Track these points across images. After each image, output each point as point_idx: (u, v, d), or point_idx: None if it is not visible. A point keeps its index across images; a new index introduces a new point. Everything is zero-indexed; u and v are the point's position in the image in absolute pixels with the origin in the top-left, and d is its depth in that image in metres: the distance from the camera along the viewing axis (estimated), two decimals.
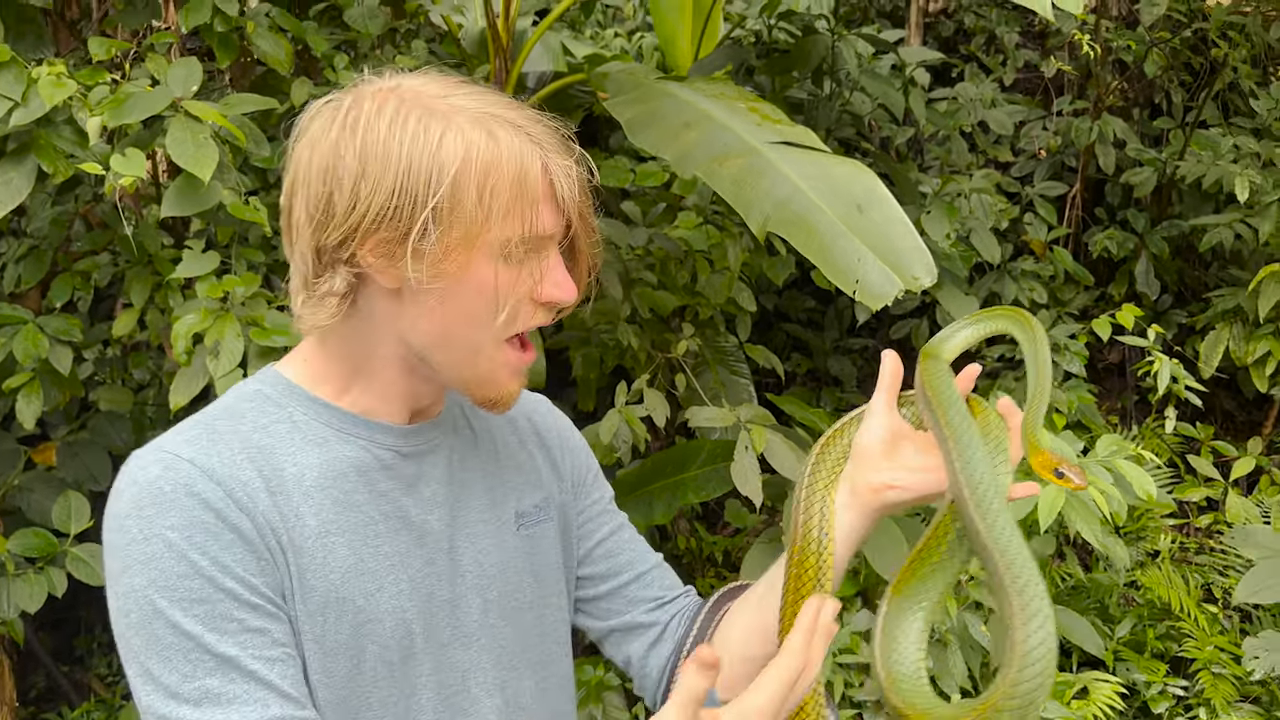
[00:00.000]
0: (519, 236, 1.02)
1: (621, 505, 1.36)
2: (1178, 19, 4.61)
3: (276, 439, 1.05)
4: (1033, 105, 5.10)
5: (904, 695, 1.00)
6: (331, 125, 1.02)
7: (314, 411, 1.08)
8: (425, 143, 0.99)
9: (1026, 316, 1.27)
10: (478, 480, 1.18)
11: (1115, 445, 2.62)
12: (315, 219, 1.01)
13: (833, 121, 4.08)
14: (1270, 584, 3.04)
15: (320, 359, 1.10)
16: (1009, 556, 0.97)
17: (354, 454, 1.07)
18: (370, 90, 1.04)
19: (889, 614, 1.06)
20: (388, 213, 0.98)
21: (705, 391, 3.25)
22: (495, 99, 1.05)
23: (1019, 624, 0.92)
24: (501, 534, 1.18)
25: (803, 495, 1.15)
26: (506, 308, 1.03)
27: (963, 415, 1.11)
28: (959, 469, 1.06)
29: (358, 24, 2.56)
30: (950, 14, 5.44)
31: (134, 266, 2.50)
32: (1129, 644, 3.37)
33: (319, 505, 1.03)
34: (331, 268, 1.02)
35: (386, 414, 1.10)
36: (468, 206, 0.99)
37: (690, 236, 3.31)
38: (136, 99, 2.14)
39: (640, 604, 1.30)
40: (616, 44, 4.48)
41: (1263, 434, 4.37)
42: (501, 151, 1.01)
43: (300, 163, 1.03)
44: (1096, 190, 4.86)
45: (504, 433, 1.24)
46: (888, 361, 1.21)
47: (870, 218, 2.25)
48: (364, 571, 1.04)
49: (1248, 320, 4.18)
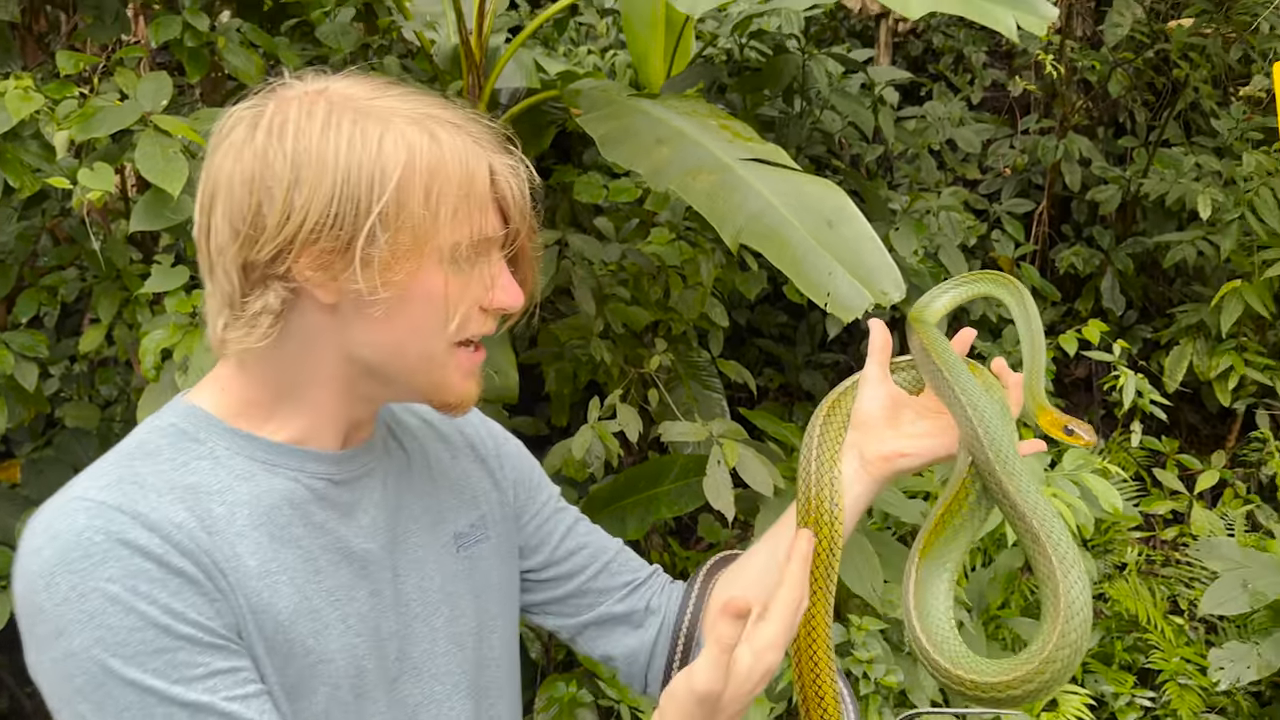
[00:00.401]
0: (467, 241, 0.97)
1: (594, 520, 1.35)
2: (1141, 40, 4.69)
3: (201, 477, 0.97)
4: (1000, 124, 5.17)
5: (949, 655, 1.03)
6: (255, 132, 0.94)
7: (236, 444, 1.00)
8: (364, 145, 0.93)
9: (1010, 279, 1.30)
10: (414, 503, 1.12)
11: (1081, 459, 2.66)
12: (242, 233, 0.93)
13: (803, 139, 4.12)
14: (1234, 595, 3.09)
15: (240, 386, 1.02)
16: (1040, 513, 1.02)
17: (284, 486, 1.00)
18: (294, 94, 0.97)
19: (919, 579, 1.08)
20: (327, 221, 0.92)
21: (678, 406, 3.26)
22: (429, 99, 1.00)
23: (1060, 577, 0.97)
24: (442, 558, 1.12)
25: (812, 469, 1.15)
26: (458, 316, 0.98)
27: (969, 376, 1.14)
28: (980, 431, 1.08)
29: (330, 40, 2.56)
30: (919, 34, 5.51)
31: (102, 281, 2.47)
32: (1097, 655, 3.40)
33: (255, 544, 0.96)
34: (262, 285, 0.95)
35: (316, 440, 1.03)
36: (415, 210, 0.94)
37: (663, 252, 3.32)
38: (105, 113, 2.13)
39: (611, 593, 1.27)
40: (590, 61, 4.50)
41: (1226, 447, 4.43)
42: (445, 153, 0.96)
43: (220, 173, 0.95)
44: (1063, 207, 4.93)
45: (436, 450, 1.18)
46: (877, 330, 1.21)
47: (840, 234, 2.28)
48: (311, 610, 0.98)
49: (1210, 335, 4.25)
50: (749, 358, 4.46)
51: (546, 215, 3.85)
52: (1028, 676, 0.97)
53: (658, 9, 3.65)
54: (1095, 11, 5.10)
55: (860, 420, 1.18)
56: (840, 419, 1.20)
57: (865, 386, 1.20)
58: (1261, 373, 4.21)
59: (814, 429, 1.18)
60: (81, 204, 2.09)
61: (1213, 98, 4.74)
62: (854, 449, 1.18)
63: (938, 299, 1.31)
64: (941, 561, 1.10)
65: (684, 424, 2.85)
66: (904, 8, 2.49)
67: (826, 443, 1.17)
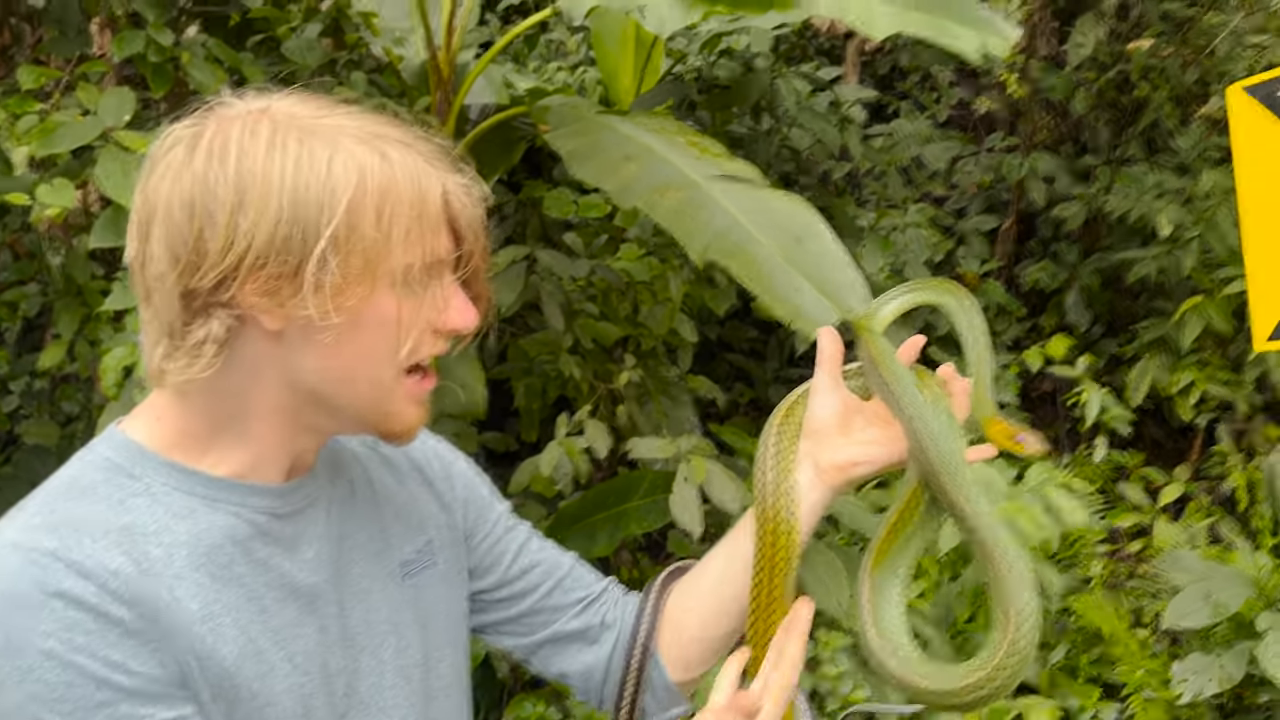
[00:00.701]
0: (420, 263, 0.94)
1: (563, 537, 1.35)
2: (1103, 60, 4.77)
3: (136, 516, 0.92)
4: (966, 141, 5.23)
5: (903, 661, 1.06)
6: (194, 153, 0.90)
7: (174, 479, 0.95)
8: (312, 166, 0.89)
9: (956, 287, 1.30)
10: (358, 532, 1.08)
11: (1045, 474, 2.68)
12: (183, 260, 0.89)
13: (772, 156, 4.15)
14: (1197, 608, 3.12)
15: (177, 416, 0.97)
16: (987, 523, 1.04)
17: (225, 523, 0.96)
18: (236, 114, 0.93)
19: (873, 585, 1.11)
20: (274, 246, 0.88)
21: (647, 422, 3.26)
22: (376, 118, 0.97)
23: (1009, 586, 1.00)
24: (388, 588, 1.09)
25: (768, 479, 1.16)
26: (410, 340, 0.95)
27: (914, 387, 1.16)
28: (927, 444, 1.10)
29: (295, 55, 2.54)
30: (886, 52, 5.57)
31: (63, 298, 2.45)
32: (1063, 669, 3.42)
33: (196, 585, 0.92)
34: (205, 313, 0.90)
35: (259, 473, 0.98)
36: (366, 233, 0.90)
37: (632, 268, 3.33)
38: (66, 128, 2.11)
39: (565, 610, 1.24)
40: (560, 78, 4.52)
41: (1189, 461, 4.49)
42: (397, 173, 0.92)
43: (157, 198, 0.91)
44: (1028, 224, 4.99)
45: (380, 474, 1.14)
46: (827, 338, 1.21)
47: (808, 250, 2.30)
48: (256, 652, 0.94)
49: (1172, 351, 4.31)
50: (719, 373, 4.47)
51: (515, 230, 3.85)
52: (979, 683, 0.99)
53: (627, 27, 3.67)
54: (1059, 32, 5.18)
55: (813, 429, 1.19)
56: (794, 428, 1.20)
57: (816, 395, 1.20)
58: (1222, 387, 4.27)
59: (768, 438, 1.18)
60: (41, 220, 2.07)
61: (1173, 117, 4.82)
62: (808, 458, 1.18)
63: (884, 306, 1.31)
64: (894, 568, 1.12)
65: (653, 440, 2.85)
66: (869, 28, 2.52)
67: (781, 452, 1.18)
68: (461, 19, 2.99)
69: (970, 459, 1.14)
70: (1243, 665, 3.07)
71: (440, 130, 2.91)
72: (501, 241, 3.79)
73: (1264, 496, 4.05)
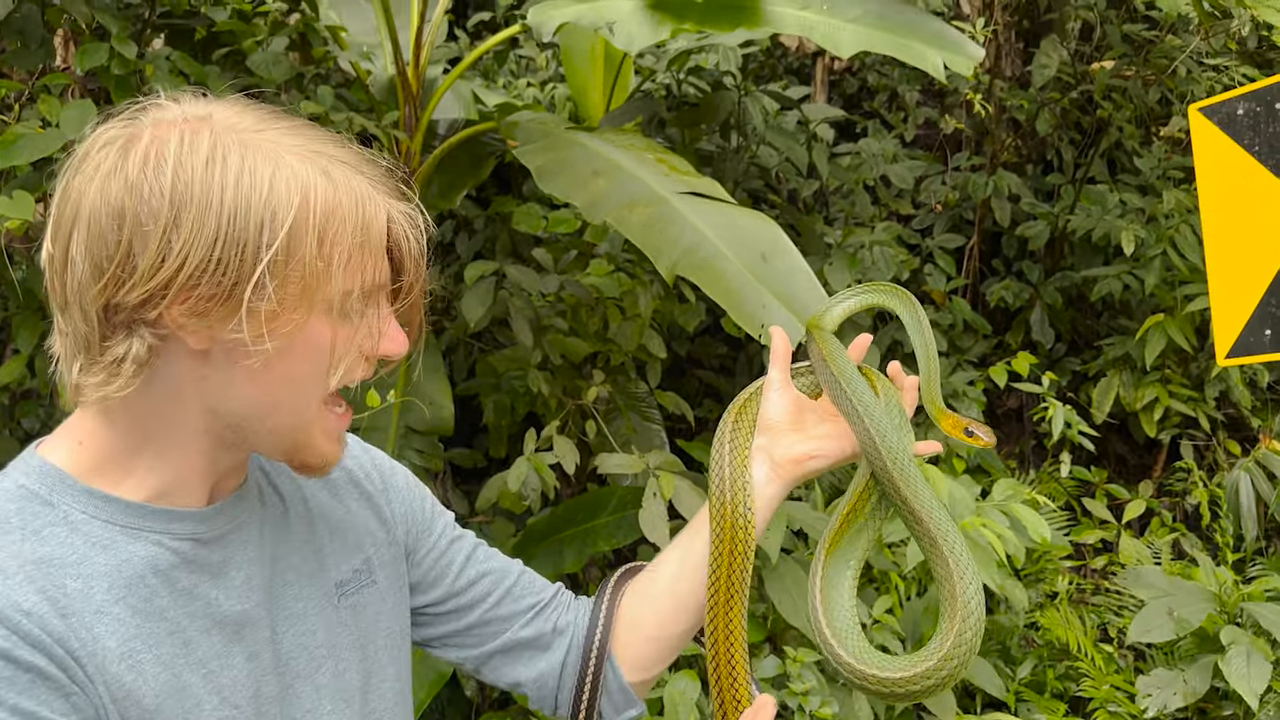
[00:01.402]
0: (359, 290, 0.91)
1: (532, 553, 1.34)
2: (1067, 81, 4.84)
3: (53, 547, 0.87)
4: (932, 161, 5.29)
5: (853, 652, 1.08)
6: (126, 160, 0.85)
7: (93, 507, 0.90)
8: (254, 184, 0.85)
9: (901, 291, 1.37)
10: (293, 553, 1.04)
11: (1011, 489, 2.70)
12: (107, 272, 0.84)
13: (741, 174, 4.17)
14: (1160, 623, 3.15)
15: (99, 438, 0.92)
16: (935, 517, 1.07)
17: (147, 553, 0.91)
18: (172, 119, 0.87)
19: (824, 576, 1.13)
20: (209, 267, 0.83)
21: (617, 438, 3.25)
22: (319, 134, 0.93)
23: (956, 579, 1.02)
24: (323, 610, 1.05)
25: (725, 474, 1.18)
26: (341, 367, 0.91)
27: (864, 385, 1.19)
28: (877, 440, 1.13)
29: (261, 70, 2.53)
30: (854, 72, 5.62)
31: (22, 312, 2.41)
32: (1030, 684, 3.44)
33: (116, 621, 0.88)
34: (127, 329, 0.86)
35: (181, 497, 0.94)
36: (307, 258, 0.86)
37: (601, 284, 3.33)
38: (27, 140, 2.08)
39: (516, 619, 1.22)
40: (529, 94, 4.52)
41: (1153, 477, 4.54)
42: (341, 196, 0.88)
43: (81, 202, 0.85)
44: (993, 242, 5.04)
45: (315, 492, 1.10)
46: (778, 337, 1.25)
47: (774, 267, 2.31)
48: (180, 689, 0.90)
49: (1136, 368, 4.36)
50: (688, 389, 4.47)
51: (485, 245, 3.84)
52: (927, 673, 1.02)
53: (597, 44, 3.69)
54: (1024, 53, 5.26)
55: (766, 425, 1.21)
56: (748, 424, 1.23)
57: (769, 392, 1.23)
58: (1185, 404, 4.32)
59: (723, 435, 1.21)
60: (1, 233, 2.04)
61: (1135, 137, 4.90)
62: (763, 453, 1.20)
63: (835, 307, 1.36)
64: (845, 561, 1.15)
65: (621, 456, 2.85)
66: (836, 47, 2.54)
67: (737, 448, 1.20)
68: (430, 34, 2.98)
69: (918, 452, 1.18)
70: (1207, 679, 3.10)
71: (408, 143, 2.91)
72: (471, 256, 3.78)
73: (1226, 512, 4.10)
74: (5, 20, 2.42)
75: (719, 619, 1.13)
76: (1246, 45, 4.50)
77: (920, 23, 2.68)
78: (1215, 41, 4.42)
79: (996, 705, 3.30)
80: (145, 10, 2.67)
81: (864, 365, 1.26)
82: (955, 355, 4.49)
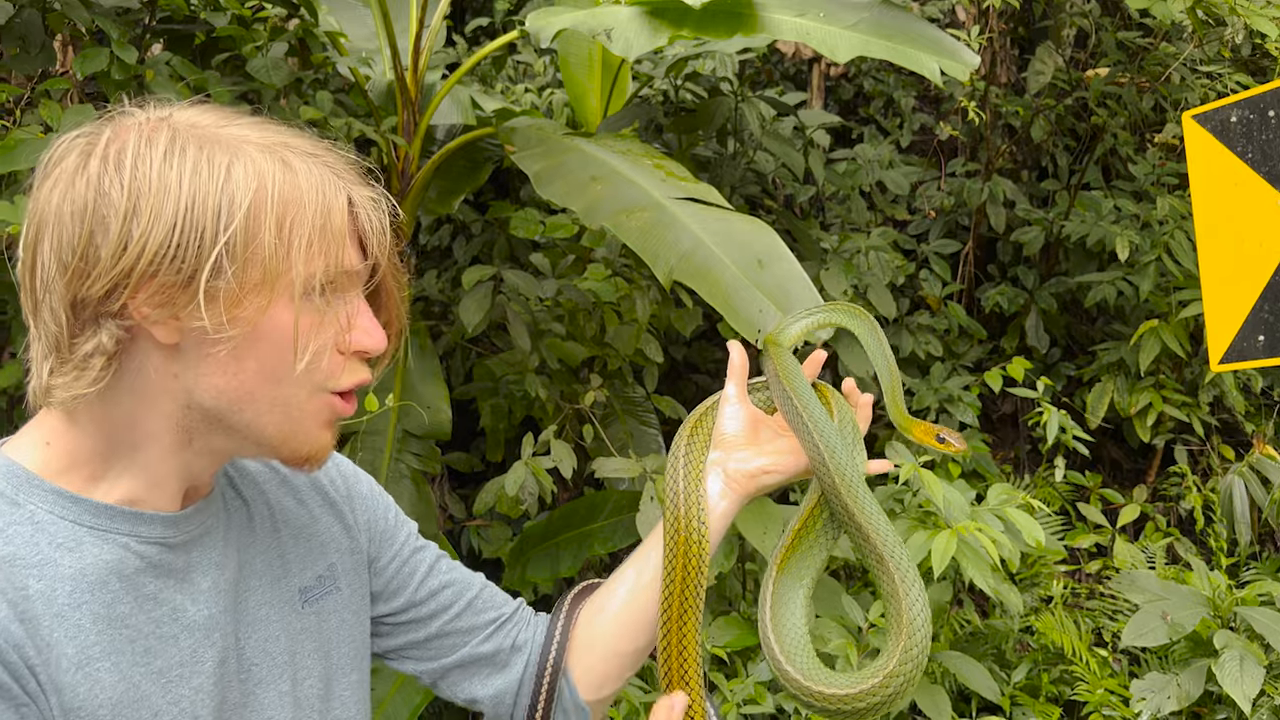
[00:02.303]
0: (322, 277, 0.90)
1: (528, 557, 1.34)
2: (1061, 87, 4.87)
3: (17, 547, 0.87)
4: (928, 166, 5.31)
5: (800, 668, 1.08)
6: (88, 160, 0.86)
7: (60, 508, 0.90)
8: (211, 173, 0.86)
9: (859, 309, 1.38)
10: (257, 559, 1.04)
11: (1005, 494, 2.71)
12: (71, 267, 0.85)
13: (738, 179, 4.19)
14: (1154, 627, 3.16)
15: (68, 439, 0.91)
16: (882, 535, 1.08)
17: (112, 556, 0.90)
18: (134, 122, 0.89)
19: (775, 592, 1.13)
20: (168, 253, 0.84)
21: (613, 442, 3.26)
22: (281, 128, 0.94)
23: (902, 595, 1.03)
24: (287, 616, 1.04)
25: (680, 488, 1.18)
26: (307, 355, 0.91)
27: (817, 403, 1.19)
28: (826, 458, 1.13)
29: (261, 75, 2.54)
30: (850, 78, 5.64)
31: (20, 316, 2.41)
32: (1025, 688, 3.45)
33: (75, 627, 0.87)
34: (94, 324, 0.86)
35: (153, 500, 0.94)
36: (265, 242, 0.87)
37: (599, 288, 3.34)
38: (27, 145, 2.09)
39: (475, 633, 1.21)
40: (527, 99, 4.53)
41: (1147, 482, 4.56)
42: (300, 181, 0.89)
43: (48, 204, 0.87)
44: (988, 248, 5.06)
45: (279, 496, 1.10)
46: (735, 352, 1.26)
47: (771, 272, 2.33)
48: (137, 699, 0.89)
49: (1130, 373, 4.38)
50: (686, 393, 4.49)
51: (483, 250, 3.85)
52: (873, 690, 1.02)
53: (594, 50, 3.70)
54: (1019, 59, 5.28)
55: (722, 440, 1.22)
56: (703, 438, 1.23)
57: (725, 406, 1.24)
58: (1179, 409, 4.34)
59: (679, 449, 1.21)
60: (1, 237, 2.05)
61: (1130, 143, 4.92)
62: (718, 467, 1.20)
63: (793, 325, 1.37)
64: (798, 577, 1.15)
65: (618, 460, 2.86)
66: (832, 53, 2.56)
67: (691, 462, 1.20)
68: (428, 40, 3.00)
69: (871, 471, 1.19)
70: (1201, 683, 3.11)
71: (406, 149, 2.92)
72: (468, 261, 3.79)
73: (1220, 517, 4.12)
74: (6, 25, 2.43)
75: (672, 635, 1.12)
76: (1240, 53, 4.53)
77: (916, 29, 2.70)
78: (1209, 49, 4.44)
79: (991, 709, 3.31)
80: (145, 15, 2.68)
81: (819, 382, 1.27)
82: (950, 360, 4.50)
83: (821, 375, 3.62)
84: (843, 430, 1.18)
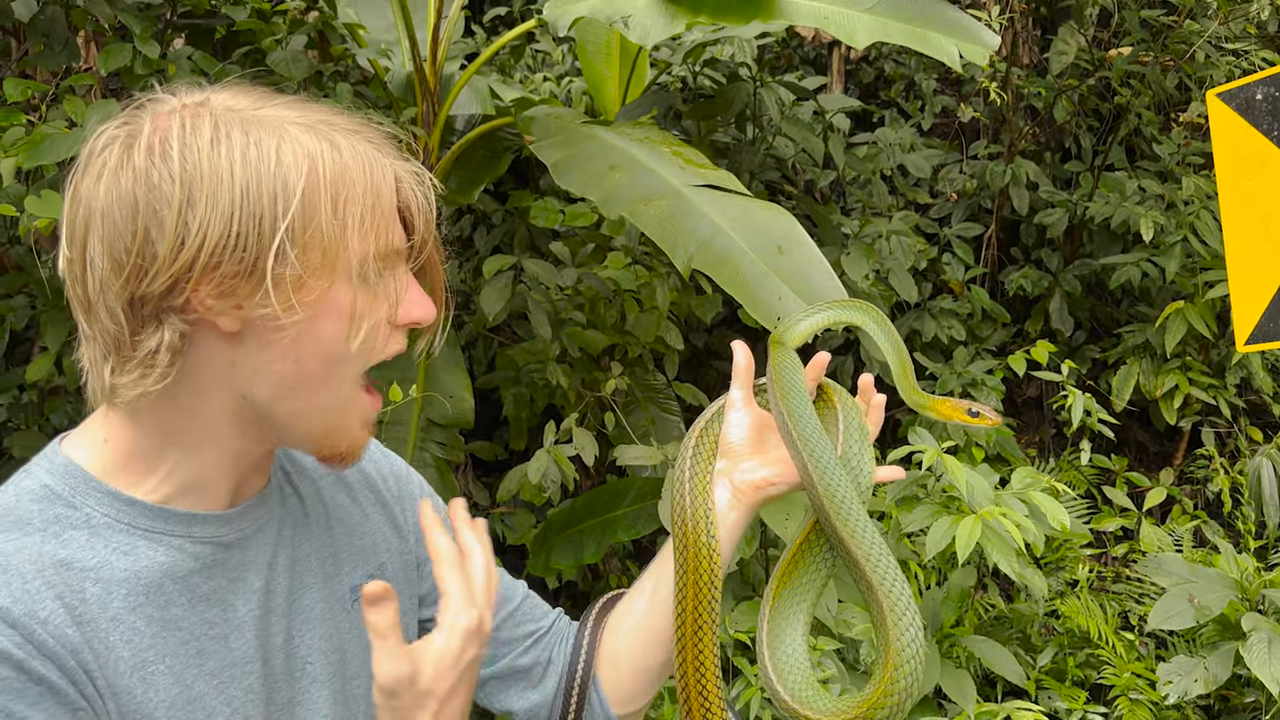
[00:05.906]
0: (375, 253, 0.90)
1: (552, 544, 1.33)
2: (1084, 67, 4.81)
3: (74, 550, 0.87)
4: (949, 149, 5.27)
5: (792, 691, 1.06)
6: (131, 153, 0.84)
7: (115, 510, 0.89)
8: (261, 156, 0.84)
9: (866, 304, 1.32)
10: (311, 555, 1.03)
11: (1030, 478, 2.70)
12: (128, 265, 0.83)
13: (757, 165, 4.17)
14: (1181, 610, 3.15)
15: (126, 436, 0.91)
16: (874, 559, 1.03)
17: (167, 558, 0.90)
18: (169, 109, 0.88)
19: (771, 617, 1.11)
20: (228, 243, 0.83)
21: (635, 430, 3.27)
22: (318, 106, 0.93)
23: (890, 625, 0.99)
24: (337, 615, 1.04)
25: (686, 502, 1.15)
26: (362, 333, 0.90)
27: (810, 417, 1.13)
28: (815, 477, 1.09)
29: (281, 68, 2.56)
30: (870, 61, 5.60)
31: (50, 310, 2.45)
32: (1050, 672, 3.44)
33: (131, 630, 0.87)
34: (156, 320, 0.85)
35: (204, 497, 0.93)
36: (323, 224, 0.86)
37: (619, 276, 3.35)
38: (53, 140, 2.12)
39: (514, 644, 1.20)
40: (546, 88, 4.53)
41: (1173, 464, 4.52)
42: (348, 160, 0.88)
43: (93, 201, 0.85)
44: (1011, 231, 5.03)
45: (334, 493, 1.09)
46: (740, 352, 1.20)
47: (790, 258, 2.32)
48: (191, 700, 0.89)
49: (1156, 355, 4.34)
50: (706, 380, 4.49)
51: (503, 240, 3.86)
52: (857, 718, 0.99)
53: (612, 38, 3.70)
54: (1041, 40, 5.23)
55: (727, 448, 1.18)
56: (709, 447, 1.19)
57: (729, 412, 1.19)
58: (1205, 391, 4.30)
59: (684, 460, 1.17)
60: (29, 231, 2.07)
61: (1154, 124, 4.87)
62: (724, 477, 1.17)
63: (798, 324, 1.30)
64: (799, 598, 1.11)
65: (639, 447, 2.87)
66: (850, 38, 2.55)
67: (698, 474, 1.17)
68: (447, 30, 3.01)
69: (881, 479, 1.14)
70: (1228, 666, 3.09)
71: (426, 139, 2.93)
72: (489, 251, 3.80)
73: (1248, 499, 4.08)
74: (30, 22, 2.46)
75: (688, 650, 1.10)
76: (1266, 29, 4.47)
77: (935, 11, 2.68)
78: (1234, 26, 4.38)
79: (1017, 693, 3.31)
80: (167, 10, 2.70)
81: (827, 382, 1.21)
82: (974, 344, 4.48)
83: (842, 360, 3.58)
84: (847, 438, 1.13)
